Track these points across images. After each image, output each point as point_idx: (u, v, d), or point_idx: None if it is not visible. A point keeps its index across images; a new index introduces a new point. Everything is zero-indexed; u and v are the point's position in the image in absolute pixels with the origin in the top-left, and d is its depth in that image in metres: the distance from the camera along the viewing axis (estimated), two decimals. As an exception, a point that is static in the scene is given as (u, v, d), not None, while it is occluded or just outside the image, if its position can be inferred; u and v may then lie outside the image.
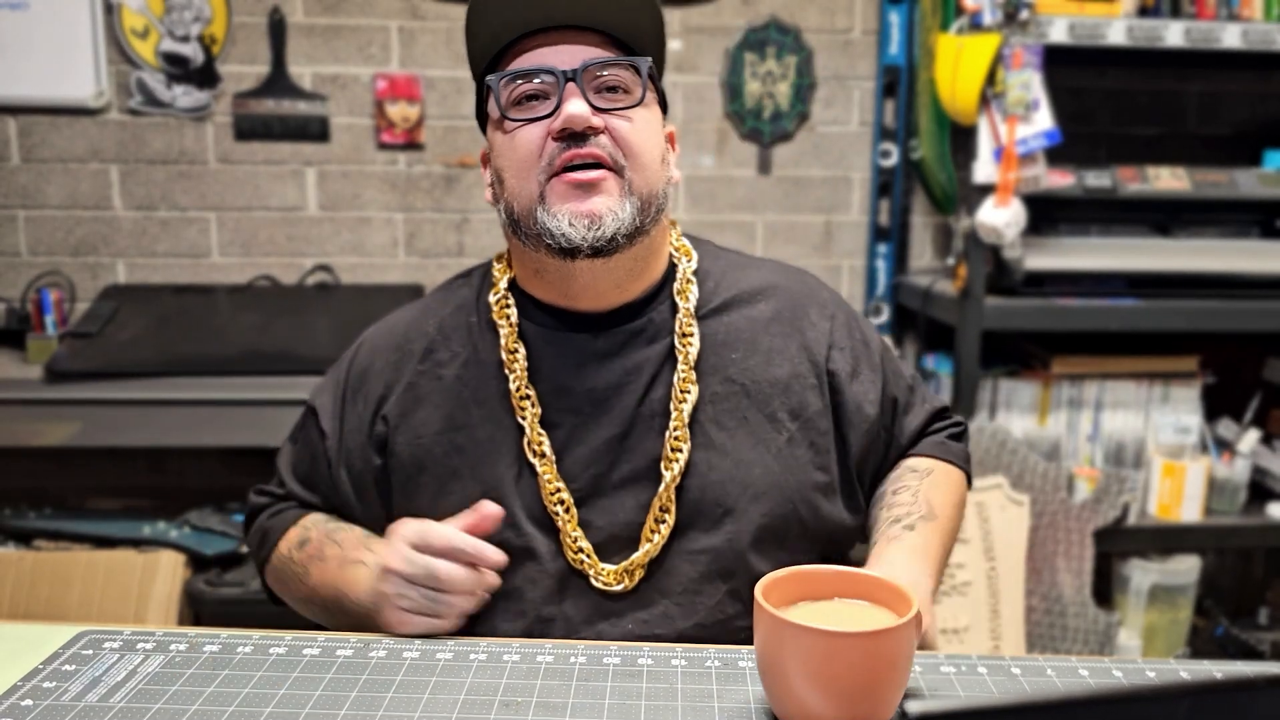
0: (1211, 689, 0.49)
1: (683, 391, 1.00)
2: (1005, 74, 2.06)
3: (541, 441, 0.99)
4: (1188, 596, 2.31)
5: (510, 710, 0.77)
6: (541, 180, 0.96)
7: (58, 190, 2.41)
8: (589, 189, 0.95)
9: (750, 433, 1.01)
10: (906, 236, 2.60)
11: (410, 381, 1.05)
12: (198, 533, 2.20)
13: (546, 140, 0.96)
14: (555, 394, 1.01)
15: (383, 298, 2.41)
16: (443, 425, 1.02)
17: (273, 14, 2.38)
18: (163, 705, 0.77)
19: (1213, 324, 2.21)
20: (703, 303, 1.05)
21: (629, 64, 0.98)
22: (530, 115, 0.97)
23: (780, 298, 1.08)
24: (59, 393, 2.07)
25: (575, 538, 0.98)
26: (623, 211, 0.95)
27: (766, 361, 1.04)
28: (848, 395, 1.06)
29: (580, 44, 0.97)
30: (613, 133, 0.96)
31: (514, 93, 0.97)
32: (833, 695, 0.71)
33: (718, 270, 1.09)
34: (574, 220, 0.94)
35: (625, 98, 0.98)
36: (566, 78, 0.95)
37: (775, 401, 1.03)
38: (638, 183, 0.97)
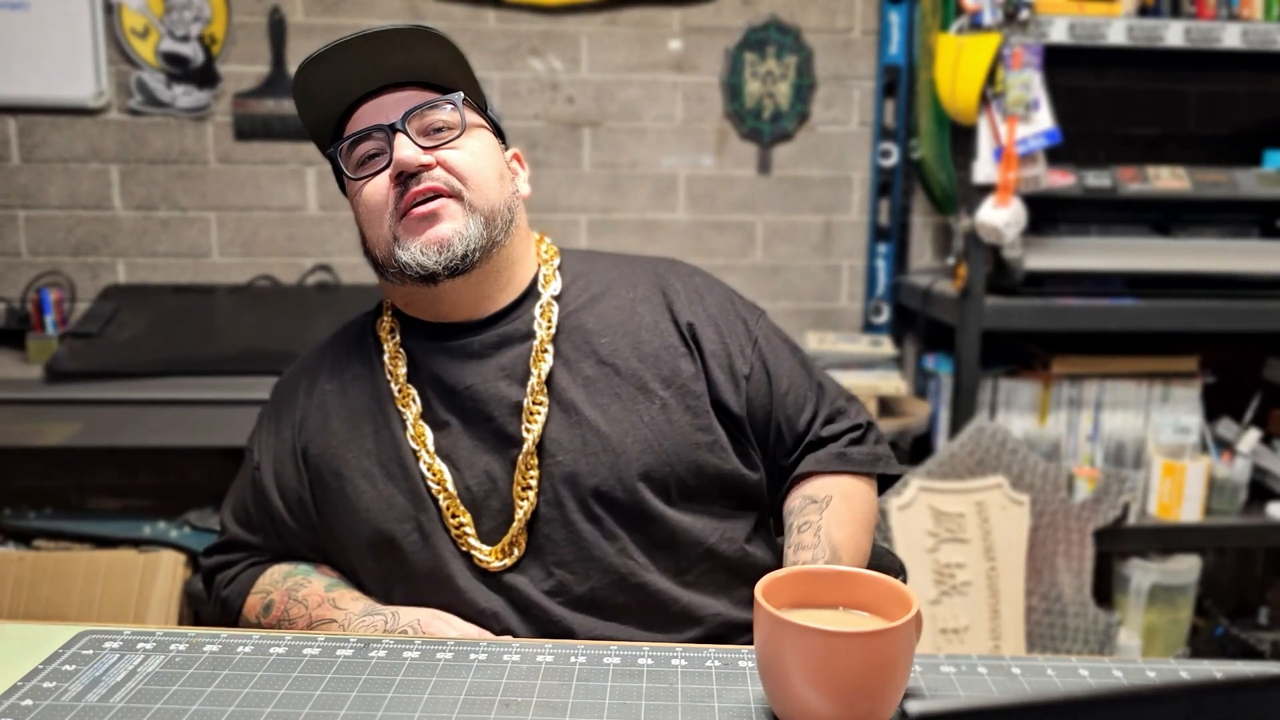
0: (1211, 689, 0.49)
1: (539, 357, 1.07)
2: (1005, 74, 2.06)
3: (422, 431, 1.06)
4: (1188, 596, 2.31)
5: (510, 710, 0.77)
6: (392, 223, 1.04)
7: (58, 190, 2.41)
8: (433, 218, 1.03)
9: (623, 406, 1.06)
10: (906, 236, 2.60)
11: (319, 401, 1.12)
12: (198, 533, 2.20)
13: (390, 188, 1.04)
14: (436, 393, 1.08)
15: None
16: (350, 432, 1.09)
17: (273, 14, 2.38)
18: (163, 705, 0.77)
19: (1213, 324, 2.21)
20: (572, 297, 1.12)
21: (444, 102, 1.06)
22: (371, 171, 1.05)
23: (648, 280, 1.15)
24: (59, 393, 2.07)
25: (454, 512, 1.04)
26: (468, 230, 1.03)
27: (636, 340, 1.09)
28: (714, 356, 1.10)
29: (399, 96, 1.06)
30: (444, 164, 1.04)
31: (355, 156, 1.06)
32: (833, 695, 0.71)
33: (586, 266, 1.16)
34: (425, 249, 1.02)
35: (449, 132, 1.06)
36: (393, 129, 1.04)
37: (647, 374, 1.08)
38: (478, 201, 1.04)
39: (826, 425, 1.15)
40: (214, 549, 1.19)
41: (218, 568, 1.17)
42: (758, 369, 1.12)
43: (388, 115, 1.05)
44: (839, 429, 1.15)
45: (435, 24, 2.41)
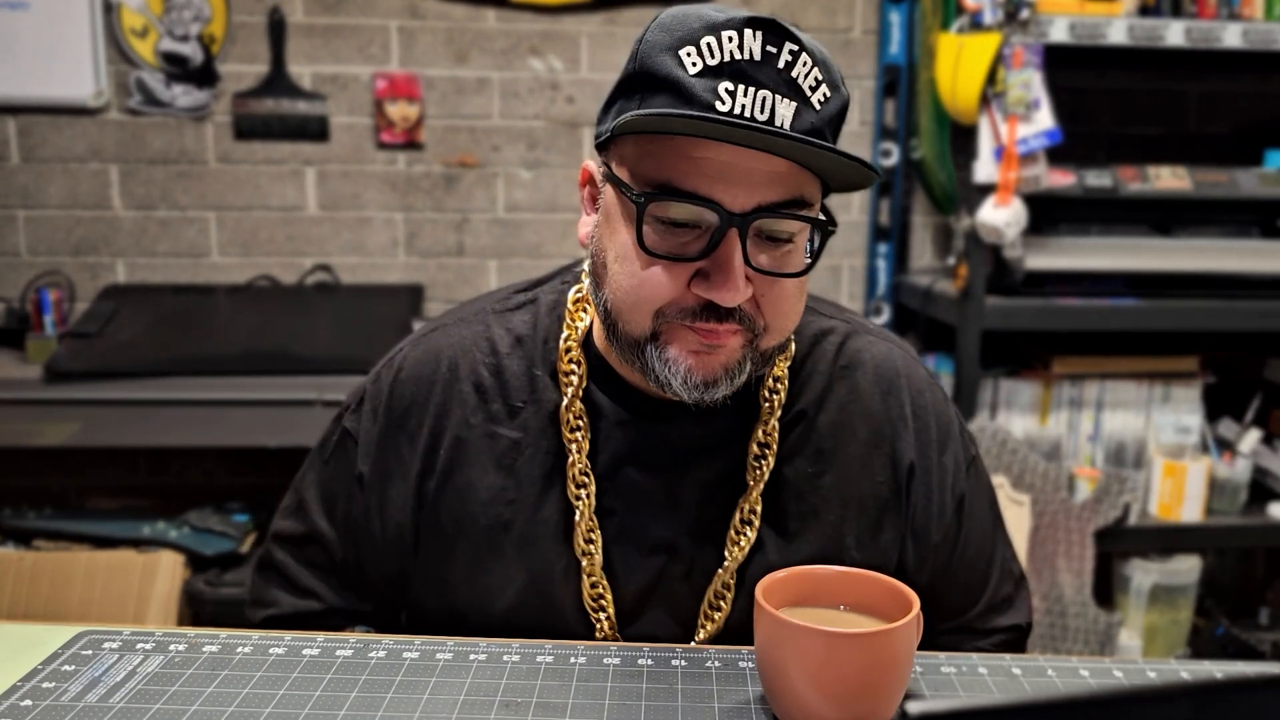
0: (1212, 689, 0.49)
1: (744, 521, 0.92)
2: (1006, 73, 2.06)
3: (592, 532, 0.91)
4: (1188, 597, 2.31)
5: (510, 710, 0.77)
6: (662, 323, 0.84)
7: (57, 190, 2.41)
8: (712, 349, 0.83)
9: (810, 558, 0.92)
10: (907, 236, 2.60)
11: (457, 435, 0.94)
12: (197, 533, 2.20)
13: (685, 288, 0.82)
14: (614, 481, 0.92)
15: (382, 298, 2.42)
16: (492, 493, 0.93)
17: (272, 13, 2.38)
18: (162, 705, 0.77)
19: (1213, 324, 2.21)
20: (789, 401, 0.95)
21: (805, 220, 0.83)
22: (673, 253, 0.81)
23: (873, 393, 0.96)
24: (59, 393, 2.07)
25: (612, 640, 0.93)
26: (739, 374, 0.85)
27: (845, 477, 0.94)
28: (916, 512, 0.96)
29: (762, 166, 0.80)
30: (759, 299, 0.83)
31: (664, 210, 0.81)
32: (833, 695, 0.71)
33: (813, 356, 0.97)
34: (688, 377, 0.83)
35: (788, 254, 0.83)
36: (730, 222, 0.79)
37: (846, 526, 0.93)
38: (766, 342, 0.85)
39: (987, 615, 1.02)
40: (287, 538, 1.02)
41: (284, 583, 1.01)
42: (950, 534, 0.97)
43: (735, 189, 0.79)
44: (997, 625, 1.02)
45: (435, 24, 2.42)
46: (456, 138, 2.47)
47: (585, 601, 0.92)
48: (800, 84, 0.80)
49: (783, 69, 0.79)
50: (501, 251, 2.52)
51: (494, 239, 2.51)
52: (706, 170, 0.80)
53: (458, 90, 2.45)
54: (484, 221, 2.51)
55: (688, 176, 0.80)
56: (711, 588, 0.92)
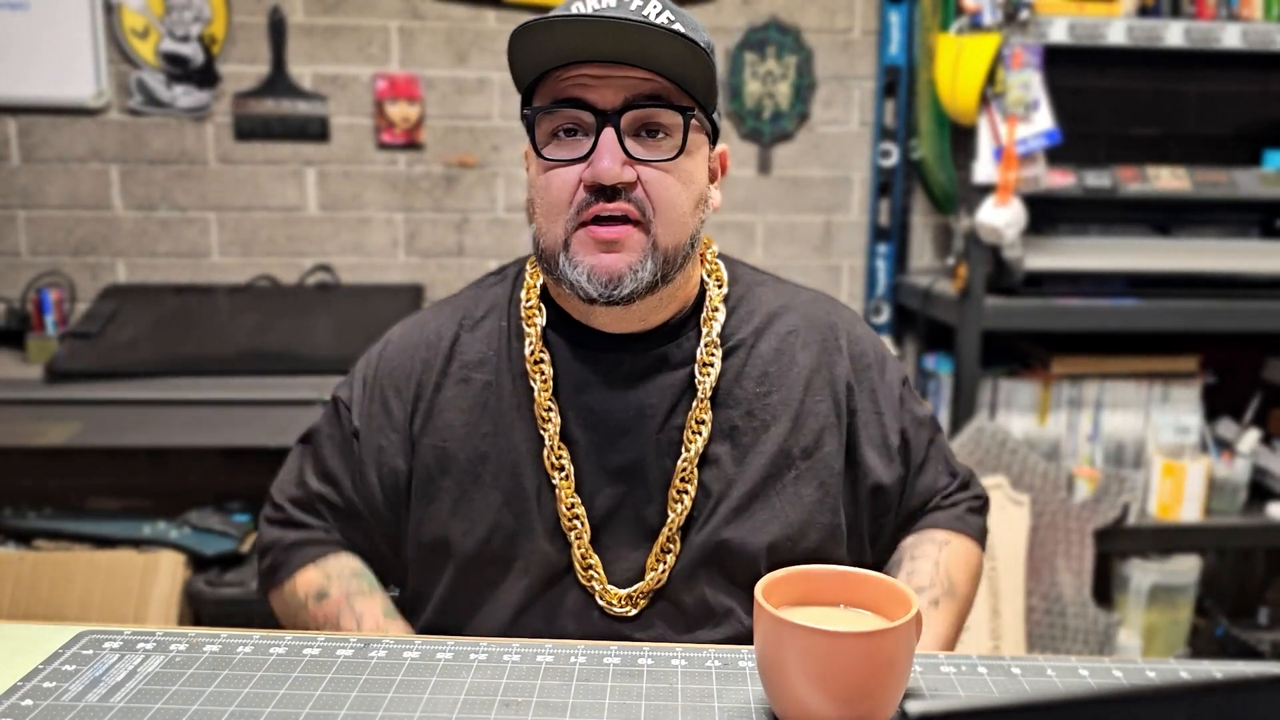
0: (1211, 689, 0.49)
1: (695, 430, 1.00)
2: (1005, 74, 2.06)
3: (562, 456, 1.00)
4: (1188, 596, 2.31)
5: (510, 710, 0.77)
6: (568, 227, 0.95)
7: (58, 190, 2.41)
8: (610, 246, 0.94)
9: (762, 467, 1.01)
10: (906, 236, 2.60)
11: (438, 382, 1.04)
12: (198, 533, 2.20)
13: (578, 186, 0.95)
14: (577, 410, 1.01)
15: (383, 298, 2.42)
16: (468, 430, 1.02)
17: (273, 14, 2.38)
18: (163, 705, 0.77)
19: (1213, 324, 2.21)
20: (730, 331, 1.05)
21: (673, 109, 0.95)
22: (565, 155, 0.95)
23: (810, 328, 1.07)
24: (59, 393, 2.07)
25: (586, 557, 0.99)
26: (643, 270, 0.95)
27: (788, 397, 1.03)
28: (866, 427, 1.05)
29: (626, 78, 0.94)
30: (645, 184, 0.95)
31: (551, 124, 0.96)
32: (833, 695, 0.71)
33: (749, 298, 1.08)
34: (592, 276, 0.94)
35: (664, 145, 0.96)
36: (604, 119, 0.93)
37: (790, 438, 1.02)
38: (663, 237, 0.96)
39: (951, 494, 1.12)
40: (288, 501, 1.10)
41: (279, 521, 1.09)
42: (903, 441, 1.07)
43: (605, 95, 0.94)
44: (962, 496, 1.12)
45: (435, 24, 2.42)
46: (456, 138, 2.47)
47: (561, 520, 0.99)
48: (653, 18, 0.95)
49: (635, 7, 0.96)
50: (501, 252, 2.52)
51: (494, 239, 2.51)
52: (579, 83, 0.94)
53: (458, 90, 2.45)
54: (484, 221, 2.51)
55: (566, 90, 0.95)
56: (671, 486, 1.00)
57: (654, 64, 0.94)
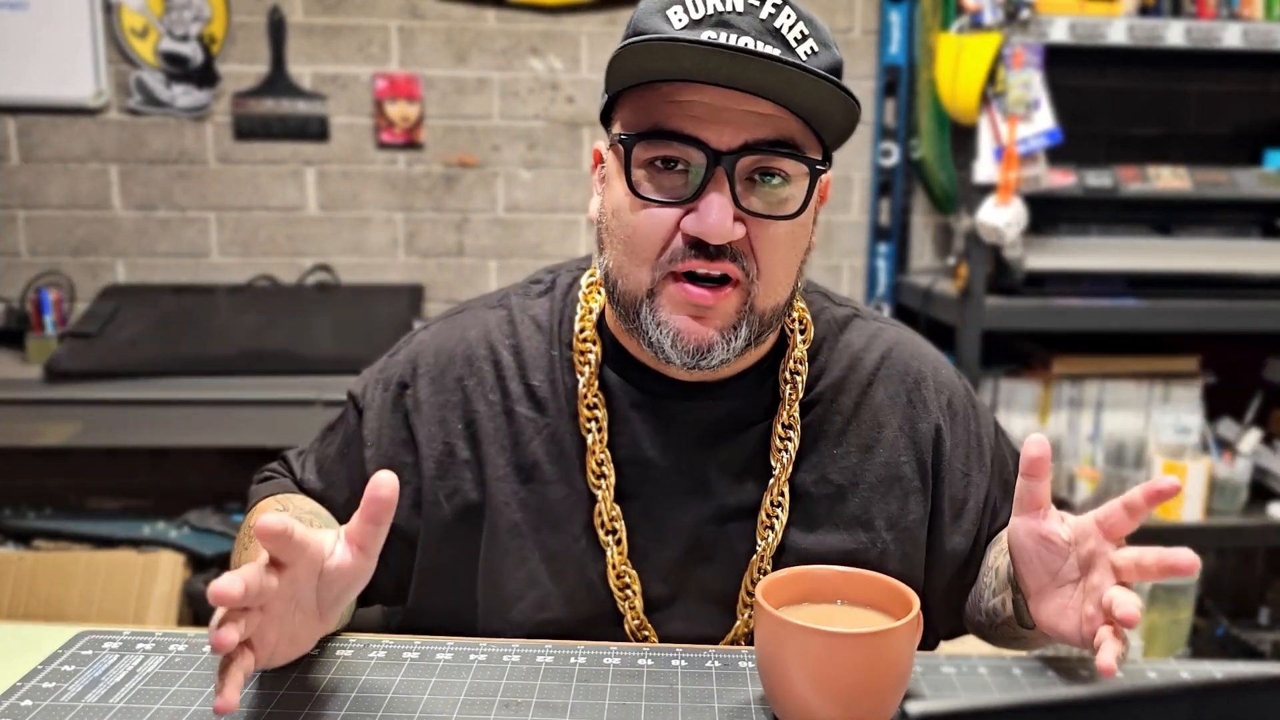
0: (1211, 689, 0.49)
1: (775, 505, 0.90)
2: (1006, 73, 2.06)
3: (615, 519, 0.90)
4: (1188, 597, 2.31)
5: (510, 710, 0.77)
6: (656, 276, 0.83)
7: (57, 190, 2.41)
8: (704, 310, 0.83)
9: (841, 540, 0.92)
10: (907, 236, 2.60)
11: (475, 409, 0.93)
12: (197, 533, 2.20)
13: (674, 233, 0.82)
14: (634, 465, 0.91)
15: (383, 298, 2.42)
16: (510, 471, 0.91)
17: (272, 13, 2.38)
18: (162, 705, 0.77)
19: (1213, 324, 2.21)
20: (810, 383, 0.94)
21: (800, 162, 0.82)
22: (661, 196, 0.82)
23: (893, 376, 0.96)
24: (59, 393, 2.07)
25: (642, 622, 0.91)
26: (736, 339, 0.84)
27: (870, 458, 0.93)
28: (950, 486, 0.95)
29: (749, 110, 0.80)
30: (753, 241, 0.82)
31: (648, 153, 0.83)
32: (833, 695, 0.71)
33: (830, 340, 0.97)
34: (678, 341, 0.83)
35: (782, 197, 0.83)
36: (717, 162, 0.80)
37: (874, 506, 0.93)
38: (762, 300, 0.84)
39: None
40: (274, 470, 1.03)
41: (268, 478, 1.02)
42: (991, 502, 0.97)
43: (721, 130, 0.80)
44: None
45: (435, 24, 2.42)
46: (456, 138, 2.47)
47: (613, 591, 0.90)
48: (785, 34, 0.81)
49: (765, 19, 0.81)
50: (501, 251, 2.52)
51: (494, 239, 2.51)
52: (691, 111, 0.80)
53: (458, 90, 2.45)
54: (484, 221, 2.51)
55: (673, 118, 0.81)
56: (748, 574, 0.91)
57: (788, 103, 0.80)
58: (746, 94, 0.80)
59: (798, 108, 0.81)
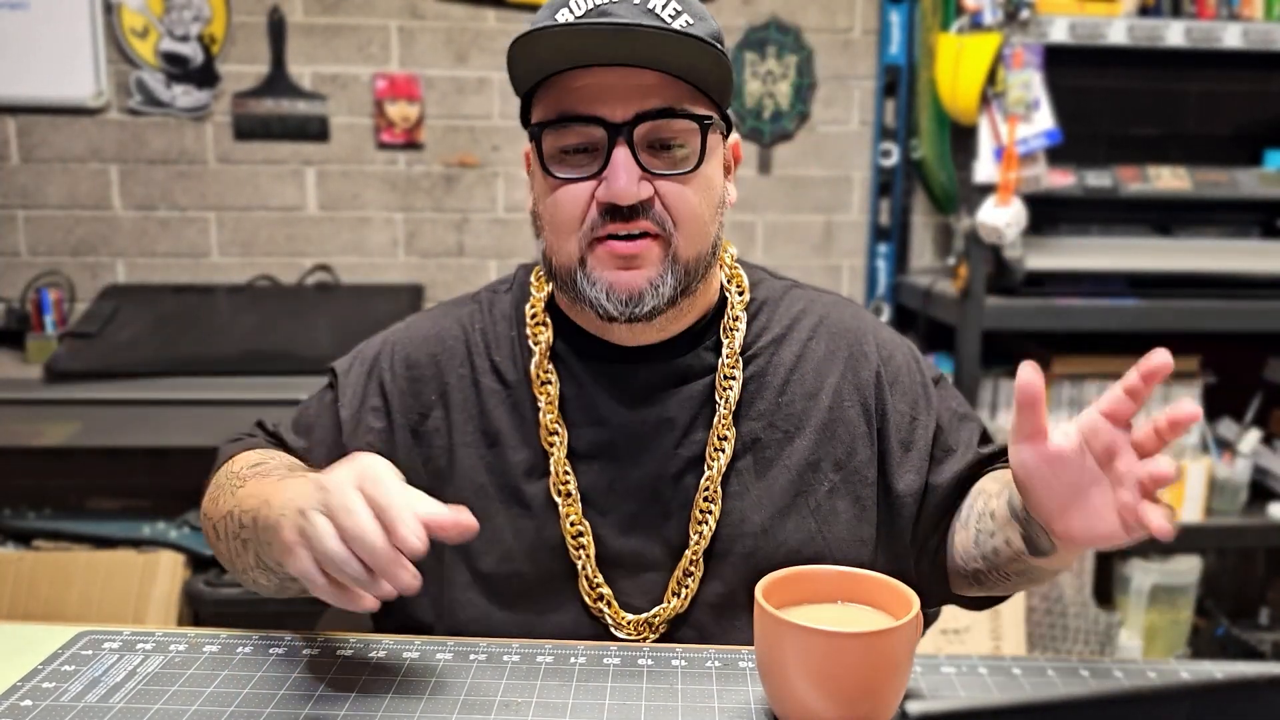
0: (1212, 689, 0.49)
1: (718, 446, 0.96)
2: (1006, 73, 2.06)
3: (568, 479, 0.95)
4: (1188, 597, 2.31)
5: (510, 710, 0.77)
6: (582, 244, 0.91)
7: (57, 190, 2.41)
8: (630, 261, 0.90)
9: (790, 481, 0.97)
10: (907, 236, 2.60)
11: (449, 381, 1.00)
12: (197, 533, 2.20)
13: (590, 203, 0.90)
14: (588, 426, 0.97)
15: (383, 298, 2.41)
16: (477, 437, 0.98)
17: (272, 14, 2.38)
18: (162, 705, 0.77)
19: (1213, 324, 2.21)
20: (751, 339, 1.00)
21: (689, 118, 0.90)
22: (573, 174, 0.90)
23: (833, 334, 1.02)
24: (59, 393, 2.07)
25: (596, 584, 0.95)
26: (664, 285, 0.91)
27: (813, 404, 0.98)
28: (897, 431, 0.99)
29: (637, 83, 0.88)
30: (662, 198, 0.90)
31: (557, 140, 0.91)
32: (833, 695, 0.71)
33: (770, 303, 1.03)
34: (612, 293, 0.90)
35: (681, 156, 0.91)
36: (615, 132, 0.88)
37: (820, 449, 0.97)
38: (683, 249, 0.91)
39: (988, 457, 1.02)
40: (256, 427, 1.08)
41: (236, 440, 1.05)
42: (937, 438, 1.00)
43: (614, 106, 0.88)
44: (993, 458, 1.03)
45: (435, 24, 2.42)
46: (456, 138, 2.47)
47: (567, 545, 0.95)
48: (659, 12, 0.90)
49: (639, 3, 0.90)
50: (501, 251, 2.52)
51: (494, 239, 2.51)
52: (587, 94, 0.89)
53: (458, 90, 2.45)
54: (484, 221, 2.51)
55: (573, 104, 0.90)
56: (695, 506, 0.95)
57: (666, 66, 0.88)
58: (634, 70, 0.88)
59: (680, 71, 0.89)
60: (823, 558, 0.95)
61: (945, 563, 1.00)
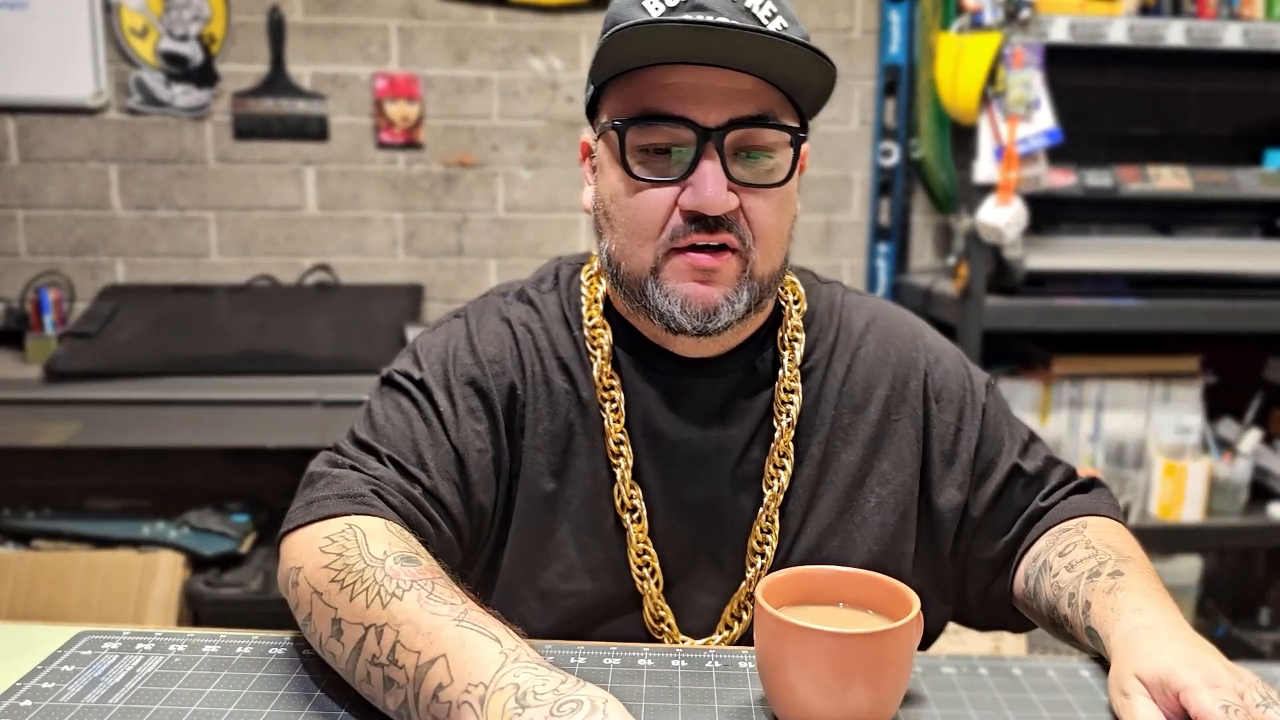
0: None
1: (778, 465, 0.94)
2: (1006, 73, 2.06)
3: (634, 495, 0.93)
4: (1189, 597, 2.31)
5: (510, 711, 0.77)
6: (659, 253, 0.88)
7: (57, 190, 2.41)
8: (708, 275, 0.87)
9: (837, 498, 0.96)
10: (907, 236, 2.60)
11: (525, 377, 0.95)
12: (197, 533, 2.20)
13: (673, 211, 0.86)
14: (649, 441, 0.94)
15: (382, 298, 2.41)
16: (547, 440, 0.94)
17: (272, 13, 2.38)
18: (162, 706, 0.77)
19: (1213, 324, 2.21)
20: (806, 351, 0.98)
21: (784, 132, 0.87)
22: (657, 176, 0.87)
23: (882, 340, 1.00)
24: (58, 393, 2.07)
25: (658, 604, 0.94)
26: (739, 302, 0.88)
27: (861, 417, 0.97)
28: (941, 441, 0.98)
29: (731, 87, 0.85)
30: (746, 212, 0.87)
31: (640, 139, 0.87)
32: (833, 695, 0.71)
33: (821, 311, 1.02)
34: (686, 306, 0.87)
35: (769, 167, 0.88)
36: (706, 138, 0.84)
37: (868, 463, 0.96)
38: (760, 266, 0.89)
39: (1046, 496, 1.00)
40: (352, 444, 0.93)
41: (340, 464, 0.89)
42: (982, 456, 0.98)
43: (707, 108, 0.84)
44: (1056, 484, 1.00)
45: (435, 24, 2.42)
46: (456, 137, 2.47)
47: (632, 566, 0.93)
48: (755, 12, 0.87)
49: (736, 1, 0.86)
50: (501, 251, 2.52)
51: (494, 239, 2.51)
52: (678, 93, 0.85)
53: (457, 90, 2.45)
54: (484, 221, 2.51)
55: (661, 101, 0.86)
56: (753, 534, 0.94)
57: (765, 72, 0.85)
58: (727, 71, 0.84)
59: (777, 78, 0.86)
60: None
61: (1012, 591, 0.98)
